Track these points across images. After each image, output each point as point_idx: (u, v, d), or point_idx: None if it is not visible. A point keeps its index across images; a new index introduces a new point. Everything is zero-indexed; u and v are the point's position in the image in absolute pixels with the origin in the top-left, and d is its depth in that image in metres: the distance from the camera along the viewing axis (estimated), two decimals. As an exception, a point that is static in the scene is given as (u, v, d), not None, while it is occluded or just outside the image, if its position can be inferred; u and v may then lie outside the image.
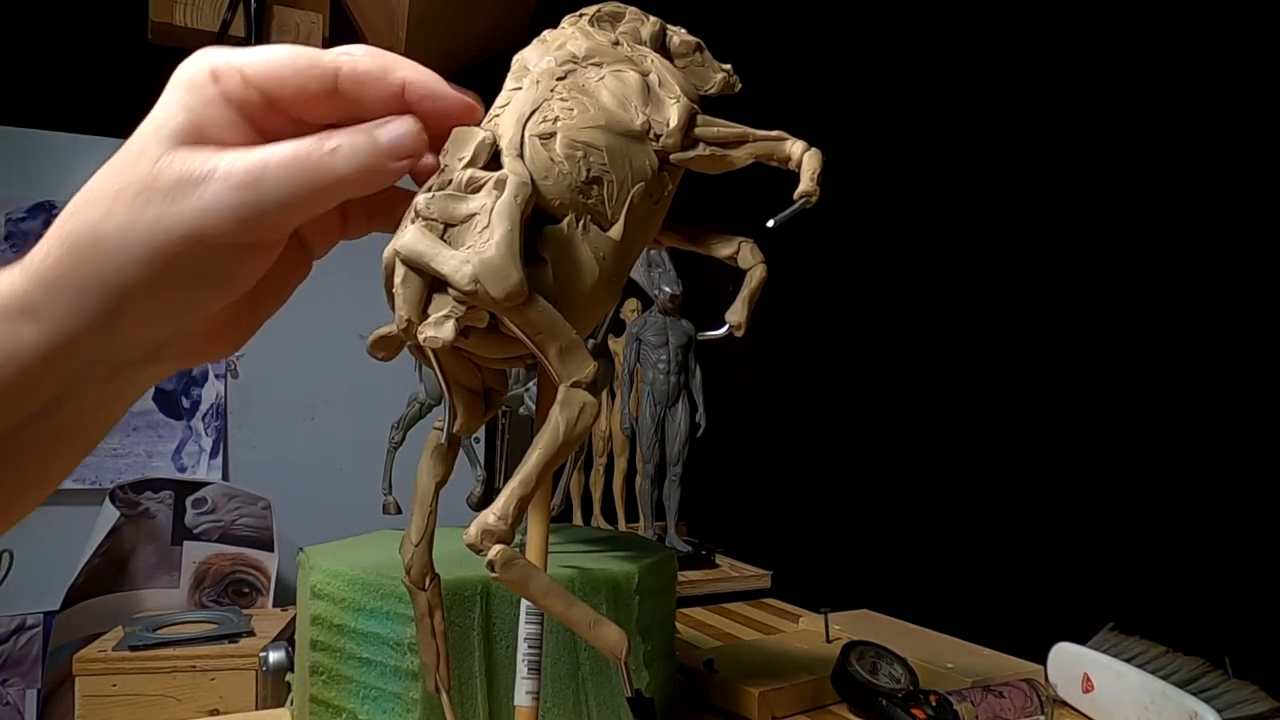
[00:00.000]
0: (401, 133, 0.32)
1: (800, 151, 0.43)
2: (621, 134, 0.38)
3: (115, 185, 0.29)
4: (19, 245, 1.36)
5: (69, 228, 0.29)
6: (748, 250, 0.44)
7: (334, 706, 0.66)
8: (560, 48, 0.41)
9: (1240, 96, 1.07)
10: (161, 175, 0.29)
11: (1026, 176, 1.32)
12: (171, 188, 0.29)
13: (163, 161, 0.29)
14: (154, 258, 0.29)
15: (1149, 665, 0.76)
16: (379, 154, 0.31)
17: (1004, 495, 1.33)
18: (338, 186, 0.31)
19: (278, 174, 0.29)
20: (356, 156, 0.31)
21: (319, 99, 0.32)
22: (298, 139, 0.31)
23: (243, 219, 0.29)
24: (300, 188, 0.30)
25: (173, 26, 1.36)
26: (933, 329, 1.49)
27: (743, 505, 1.75)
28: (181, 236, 0.29)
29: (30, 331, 0.29)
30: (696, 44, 0.47)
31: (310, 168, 0.30)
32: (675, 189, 0.42)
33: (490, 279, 0.32)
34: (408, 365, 0.85)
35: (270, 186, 0.29)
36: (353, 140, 0.31)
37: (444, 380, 0.37)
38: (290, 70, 0.31)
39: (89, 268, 0.29)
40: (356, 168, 0.31)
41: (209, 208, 0.29)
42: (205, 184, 0.29)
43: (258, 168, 0.29)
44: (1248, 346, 1.06)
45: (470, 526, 0.33)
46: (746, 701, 0.77)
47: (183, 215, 0.29)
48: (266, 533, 1.31)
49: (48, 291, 0.29)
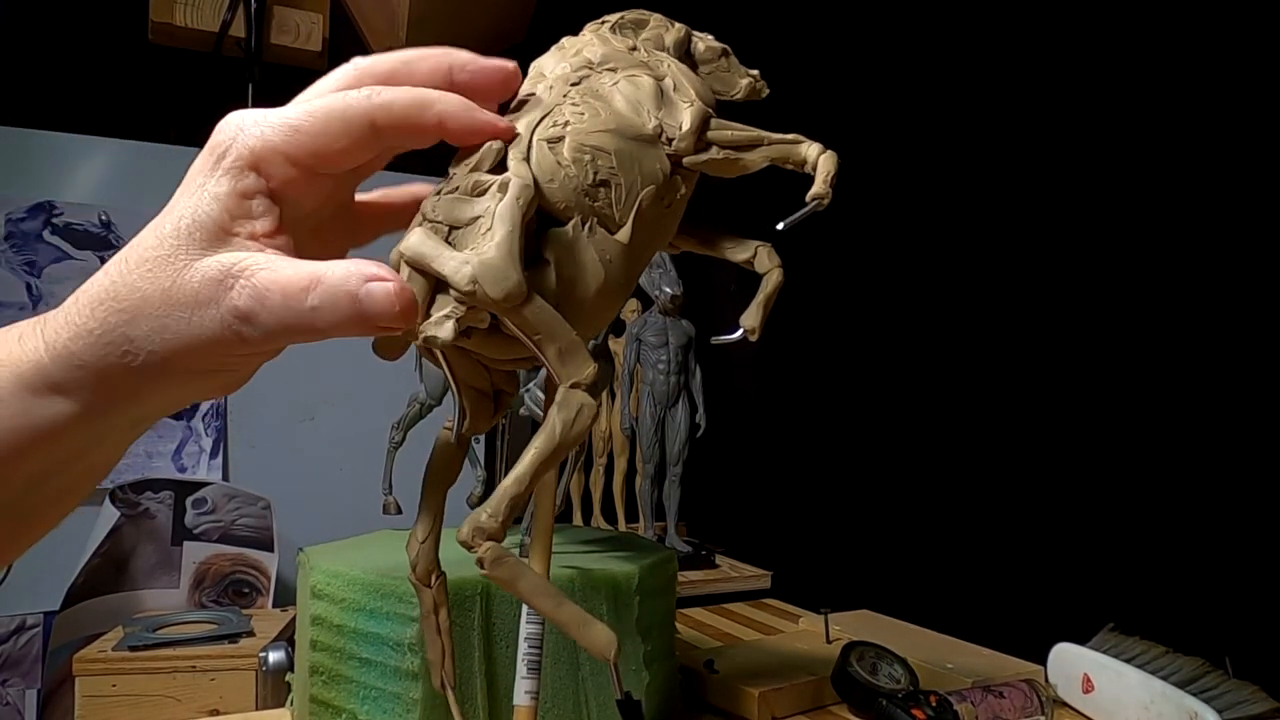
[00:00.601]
0: (384, 305, 0.30)
1: (816, 154, 0.42)
2: (632, 138, 0.38)
3: (141, 290, 0.30)
4: (19, 245, 1.36)
5: (95, 323, 0.30)
6: (765, 254, 0.44)
7: (334, 707, 0.66)
8: (577, 54, 0.41)
9: (1240, 98, 1.07)
10: (184, 289, 0.30)
11: (1024, 180, 1.32)
12: (190, 304, 0.30)
13: (188, 272, 0.30)
14: (174, 361, 0.30)
15: (1149, 665, 0.76)
16: (358, 318, 0.31)
17: (1004, 496, 1.33)
18: (321, 335, 0.31)
19: (268, 319, 0.30)
20: (336, 317, 0.30)
21: (355, 153, 0.32)
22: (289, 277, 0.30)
23: (244, 344, 0.30)
24: (287, 331, 0.30)
25: (173, 26, 1.36)
26: (933, 330, 1.50)
27: (743, 505, 1.75)
28: (198, 349, 0.30)
29: (61, 404, 0.30)
30: (722, 50, 0.47)
31: (297, 321, 0.30)
32: (690, 193, 0.42)
33: (488, 279, 0.32)
34: (408, 365, 0.85)
35: (262, 325, 0.30)
36: (334, 301, 0.30)
37: (453, 380, 0.37)
38: (329, 138, 0.31)
39: (115, 368, 0.30)
40: (336, 326, 0.31)
41: (218, 331, 0.30)
42: (218, 308, 0.30)
43: (255, 308, 0.30)
44: (1247, 347, 1.06)
45: (463, 524, 0.33)
46: (746, 702, 0.76)
47: (199, 332, 0.30)
48: (266, 533, 1.31)
49: (76, 375, 0.30)
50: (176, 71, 1.44)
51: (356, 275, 0.30)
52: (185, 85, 1.45)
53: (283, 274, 0.30)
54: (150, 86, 1.44)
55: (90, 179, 1.39)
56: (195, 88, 1.45)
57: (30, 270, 1.36)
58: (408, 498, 0.95)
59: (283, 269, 0.30)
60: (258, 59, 1.41)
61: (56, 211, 1.37)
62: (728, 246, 0.45)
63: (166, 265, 0.30)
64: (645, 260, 0.40)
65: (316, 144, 0.31)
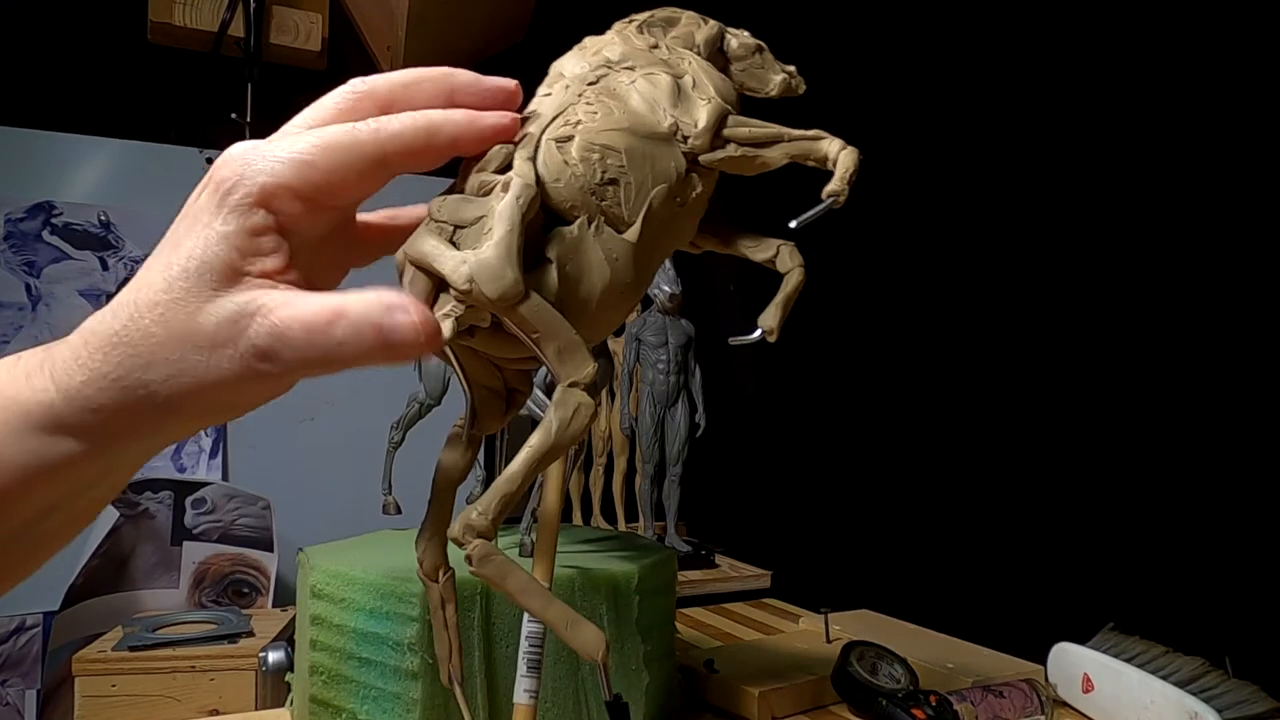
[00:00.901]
0: (410, 334, 0.30)
1: (837, 150, 0.42)
2: (645, 136, 0.38)
3: (155, 335, 0.30)
4: (18, 245, 1.36)
5: (110, 367, 0.30)
6: (786, 253, 0.44)
7: (334, 706, 0.66)
8: (596, 54, 0.41)
9: (1241, 101, 1.07)
10: (199, 332, 0.29)
11: (1025, 185, 1.32)
12: (205, 347, 0.29)
13: (201, 315, 0.29)
14: (194, 401, 0.30)
15: (1149, 665, 0.76)
16: (384, 350, 0.31)
17: (1004, 496, 1.33)
18: (342, 368, 0.31)
19: (289, 356, 0.30)
20: (361, 350, 0.30)
21: (367, 184, 0.32)
22: (312, 311, 0.30)
23: (263, 382, 0.30)
24: (308, 366, 0.30)
25: (172, 26, 1.36)
26: (933, 331, 1.50)
27: (743, 505, 1.75)
28: (213, 388, 0.30)
29: (70, 444, 0.30)
30: (757, 46, 0.46)
31: (321, 356, 0.30)
32: (709, 192, 0.41)
33: (485, 278, 0.32)
34: (407, 365, 0.85)
35: (285, 362, 0.30)
36: (359, 333, 0.30)
37: (463, 379, 0.37)
38: (339, 174, 0.31)
39: (133, 410, 0.30)
40: (359, 358, 0.31)
41: (237, 371, 0.30)
42: (236, 348, 0.30)
43: (276, 345, 0.29)
44: (1247, 348, 1.06)
45: (454, 521, 0.33)
46: (746, 701, 0.76)
47: (220, 370, 0.30)
48: (266, 533, 1.31)
49: (92, 419, 0.30)
50: (176, 71, 1.44)
51: (379, 305, 0.30)
52: (184, 85, 1.45)
53: (303, 310, 0.29)
54: (149, 86, 1.44)
55: (89, 179, 1.39)
56: (194, 88, 1.45)
57: (30, 270, 1.36)
58: (408, 498, 0.95)
59: (301, 305, 0.30)
60: (257, 59, 1.41)
61: (56, 211, 1.37)
62: (748, 246, 0.45)
63: (178, 309, 0.29)
64: (658, 260, 0.40)
65: (327, 180, 0.31)
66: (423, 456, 0.39)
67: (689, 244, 0.44)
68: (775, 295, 0.43)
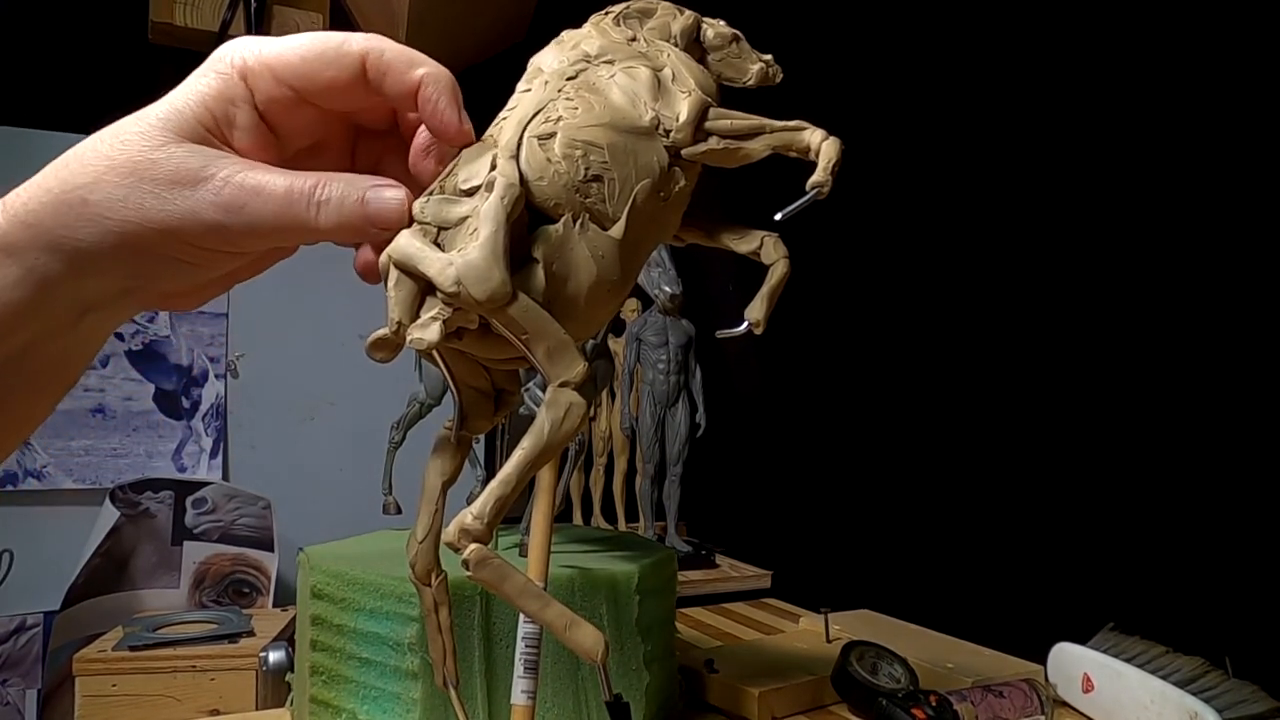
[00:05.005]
0: (390, 205, 0.32)
1: (819, 140, 0.41)
2: (627, 131, 0.38)
3: (110, 157, 0.30)
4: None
5: (55, 182, 0.30)
6: (771, 245, 0.43)
7: (334, 706, 0.66)
8: (574, 48, 0.40)
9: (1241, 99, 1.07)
10: (157, 166, 0.30)
11: (1025, 179, 1.32)
12: (162, 181, 0.30)
13: (162, 152, 0.30)
14: (129, 238, 0.30)
15: (1149, 665, 0.76)
16: (363, 219, 0.32)
17: (1004, 495, 1.33)
18: (315, 235, 0.32)
19: (262, 208, 0.30)
20: (342, 216, 0.31)
21: (344, 90, 0.33)
22: (293, 175, 0.31)
23: (218, 234, 0.30)
24: (279, 227, 0.31)
25: (172, 26, 1.36)
26: (933, 329, 1.49)
27: (743, 505, 1.75)
28: (158, 230, 0.30)
29: (6, 268, 0.30)
30: (733, 35, 0.46)
31: (296, 214, 0.31)
32: (691, 185, 0.41)
33: (472, 280, 0.32)
34: (408, 365, 0.85)
35: (251, 215, 0.30)
36: (341, 199, 0.31)
37: (451, 381, 0.37)
38: (320, 64, 0.32)
39: (67, 227, 0.30)
40: (339, 225, 0.32)
41: (189, 213, 0.30)
42: (194, 190, 0.30)
43: (247, 195, 0.30)
44: (1247, 347, 1.06)
45: (449, 525, 0.33)
46: (746, 701, 0.76)
47: (164, 212, 0.30)
48: (266, 533, 1.31)
49: (25, 234, 0.30)
50: (176, 71, 1.44)
51: (366, 179, 0.32)
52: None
53: (276, 175, 0.30)
54: (150, 86, 1.44)
55: (90, 179, 1.39)
56: (195, 88, 1.45)
57: (30, 270, 1.36)
58: (407, 498, 0.95)
59: (276, 172, 0.31)
60: (258, 59, 1.41)
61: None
62: (732, 238, 0.44)
63: (139, 140, 0.30)
64: (643, 255, 0.40)
65: (307, 67, 0.32)
66: (423, 456, 0.39)
67: (673, 237, 0.44)
68: (760, 287, 0.43)
